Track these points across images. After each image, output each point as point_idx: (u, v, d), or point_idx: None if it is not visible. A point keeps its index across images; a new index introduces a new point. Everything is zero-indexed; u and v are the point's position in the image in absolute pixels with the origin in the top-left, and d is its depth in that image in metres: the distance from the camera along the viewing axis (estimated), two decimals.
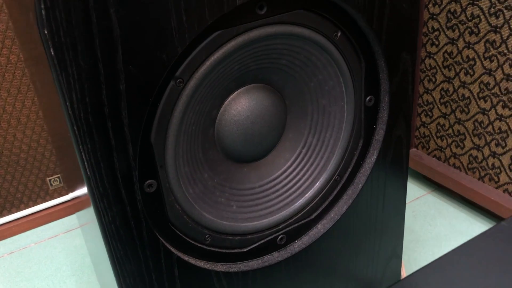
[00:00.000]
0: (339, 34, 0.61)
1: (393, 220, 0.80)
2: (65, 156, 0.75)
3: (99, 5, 0.43)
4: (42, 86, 0.69)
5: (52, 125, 0.80)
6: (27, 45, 0.68)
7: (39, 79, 0.69)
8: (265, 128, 0.65)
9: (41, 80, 0.65)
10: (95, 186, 0.50)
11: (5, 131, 1.12)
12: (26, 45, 0.71)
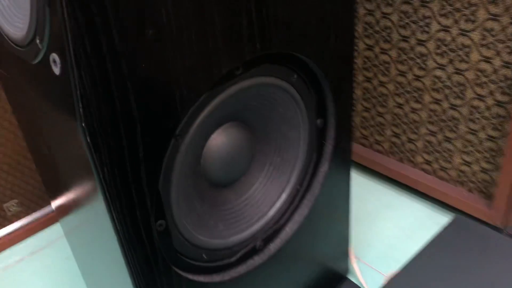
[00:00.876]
0: (295, 77, 0.75)
1: (342, 211, 0.97)
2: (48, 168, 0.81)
3: (121, 94, 0.52)
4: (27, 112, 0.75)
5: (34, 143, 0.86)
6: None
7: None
8: (239, 156, 0.77)
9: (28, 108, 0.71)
10: (123, 236, 0.59)
11: None
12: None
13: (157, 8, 0.51)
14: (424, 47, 1.10)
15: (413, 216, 1.25)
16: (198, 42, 0.57)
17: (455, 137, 1.15)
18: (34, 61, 0.53)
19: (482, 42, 0.99)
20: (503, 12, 0.94)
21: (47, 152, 0.67)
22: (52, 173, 0.77)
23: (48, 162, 0.75)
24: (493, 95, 1.03)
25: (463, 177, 1.18)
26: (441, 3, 1.02)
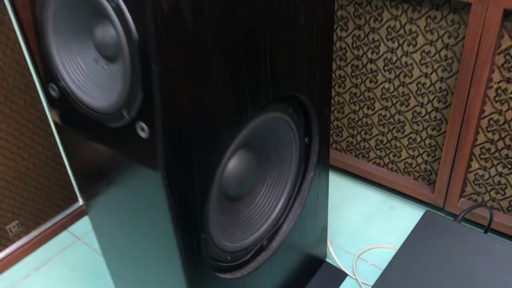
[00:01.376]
0: (291, 109, 0.93)
1: (322, 207, 1.18)
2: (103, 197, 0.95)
3: (188, 147, 0.69)
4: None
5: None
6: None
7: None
8: (250, 175, 0.95)
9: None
10: (183, 249, 0.76)
11: None
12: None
13: (210, 84, 0.68)
14: (374, 64, 1.32)
15: (371, 203, 1.49)
16: (234, 100, 0.74)
17: (402, 136, 1.39)
18: (114, 125, 0.68)
19: (422, 61, 1.23)
20: (436, 39, 1.18)
21: (105, 187, 0.81)
22: (104, 198, 0.91)
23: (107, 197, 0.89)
24: (431, 102, 1.28)
25: (409, 168, 1.43)
26: (388, 30, 1.25)
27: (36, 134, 1.32)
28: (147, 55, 0.58)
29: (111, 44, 0.66)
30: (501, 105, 1.15)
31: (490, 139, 1.21)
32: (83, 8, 0.66)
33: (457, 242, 0.87)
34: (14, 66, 1.20)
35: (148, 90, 0.61)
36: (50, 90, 0.75)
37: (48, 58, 0.71)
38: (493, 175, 1.25)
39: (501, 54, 1.09)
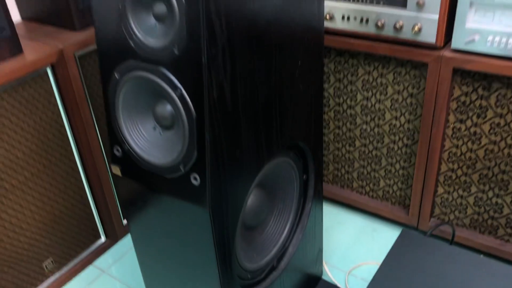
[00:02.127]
0: (292, 153, 1.18)
1: (318, 232, 1.41)
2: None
3: (223, 190, 0.92)
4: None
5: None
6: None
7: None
8: (262, 207, 1.18)
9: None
10: (221, 271, 0.98)
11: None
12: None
13: (240, 141, 0.92)
14: (353, 109, 1.59)
15: (356, 226, 1.74)
16: (255, 151, 0.98)
17: (379, 168, 1.65)
18: (170, 176, 0.91)
19: (392, 107, 1.51)
20: (403, 89, 1.46)
21: (154, 223, 1.03)
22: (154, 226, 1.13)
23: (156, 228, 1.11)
24: (402, 140, 1.54)
25: (387, 195, 1.69)
26: (363, 82, 1.52)
27: (68, 181, 1.52)
28: (201, 126, 0.82)
29: (168, 117, 0.90)
30: (457, 141, 1.42)
31: (451, 168, 1.48)
32: (147, 92, 0.90)
33: (428, 253, 1.11)
34: (53, 124, 1.42)
35: (201, 151, 0.84)
36: (115, 151, 0.98)
37: (116, 127, 0.94)
38: (455, 198, 1.52)
39: (454, 101, 1.37)
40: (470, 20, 1.24)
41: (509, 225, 1.46)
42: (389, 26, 1.35)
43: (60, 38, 1.42)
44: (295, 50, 1.01)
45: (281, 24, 0.93)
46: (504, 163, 1.37)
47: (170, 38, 0.79)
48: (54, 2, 1.44)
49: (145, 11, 0.82)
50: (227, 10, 0.79)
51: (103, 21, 0.87)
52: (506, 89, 1.27)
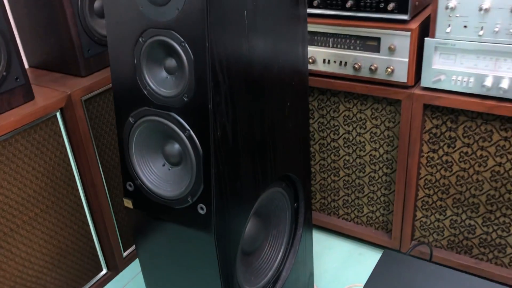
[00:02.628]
0: (284, 184, 1.31)
1: (309, 257, 1.53)
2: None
3: (230, 217, 1.04)
4: None
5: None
6: None
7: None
8: (258, 234, 1.30)
9: None
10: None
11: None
12: None
13: (240, 174, 1.05)
14: (336, 142, 1.74)
15: (343, 251, 1.86)
16: (253, 183, 1.11)
17: (362, 196, 1.79)
18: (178, 206, 1.03)
19: (371, 139, 1.66)
20: (380, 123, 1.61)
21: (162, 248, 1.14)
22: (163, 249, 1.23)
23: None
24: (382, 169, 1.69)
25: (370, 220, 1.82)
26: (344, 117, 1.68)
27: (73, 216, 1.62)
28: (208, 162, 0.95)
29: (176, 155, 1.03)
30: (431, 168, 1.57)
31: (427, 194, 1.62)
32: (158, 133, 1.03)
33: (409, 270, 1.24)
34: (61, 163, 1.53)
35: (207, 184, 0.97)
36: (127, 186, 1.09)
37: (129, 165, 1.07)
38: (433, 221, 1.66)
39: (426, 133, 1.53)
40: (436, 62, 1.41)
41: (482, 245, 1.60)
42: (365, 68, 1.52)
43: (67, 84, 1.55)
44: (284, 92, 1.15)
45: (272, 70, 1.08)
46: (473, 187, 1.52)
47: (181, 88, 0.93)
48: (62, 51, 1.58)
49: (158, 65, 0.96)
50: (228, 62, 0.93)
51: (120, 74, 1.00)
52: (471, 122, 1.43)
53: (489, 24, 1.28)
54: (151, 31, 0.92)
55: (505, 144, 1.41)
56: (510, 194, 1.47)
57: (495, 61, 1.32)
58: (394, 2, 1.39)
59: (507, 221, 1.51)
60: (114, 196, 1.75)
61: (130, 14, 0.93)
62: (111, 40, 0.98)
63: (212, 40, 0.87)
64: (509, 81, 1.31)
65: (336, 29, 1.51)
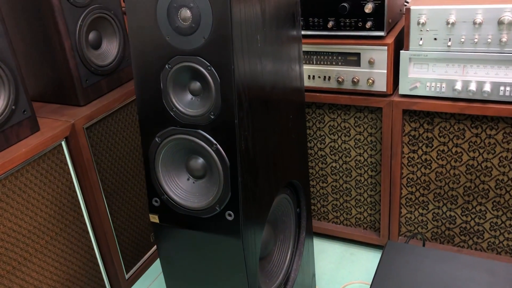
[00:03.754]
0: (289, 190, 1.42)
1: (312, 258, 1.64)
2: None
3: (254, 221, 1.14)
4: None
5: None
6: None
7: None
8: (269, 239, 1.40)
9: None
10: None
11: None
12: None
13: (259, 182, 1.15)
14: (323, 151, 1.88)
15: (336, 253, 1.98)
16: (268, 189, 1.22)
17: (350, 199, 1.93)
18: (206, 216, 1.12)
19: (355, 145, 1.80)
20: (363, 130, 1.76)
21: (189, 257, 1.23)
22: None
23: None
24: (367, 172, 1.84)
25: (359, 221, 1.96)
26: (329, 127, 1.82)
27: (80, 242, 1.67)
28: (234, 172, 1.05)
29: (200, 169, 1.12)
30: (413, 167, 1.73)
31: (410, 192, 1.78)
32: (182, 150, 1.12)
33: (413, 255, 1.37)
34: (67, 190, 1.58)
35: (234, 192, 1.07)
36: (153, 202, 1.18)
37: (155, 182, 1.15)
38: (417, 216, 1.81)
39: (406, 136, 1.69)
40: (411, 72, 1.58)
41: (463, 233, 1.76)
42: (348, 81, 1.67)
43: (68, 114, 1.61)
44: (288, 107, 1.28)
45: (279, 89, 1.21)
46: (451, 181, 1.69)
47: (207, 107, 1.03)
48: (60, 82, 1.64)
49: (183, 88, 1.06)
50: (248, 82, 1.04)
51: (145, 98, 1.09)
52: (445, 122, 1.61)
53: (455, 36, 1.47)
54: (178, 58, 1.02)
55: (476, 140, 1.59)
56: (484, 185, 1.64)
57: (462, 67, 1.50)
58: (371, 21, 1.55)
59: (483, 209, 1.69)
60: (116, 219, 1.80)
61: (156, 43, 1.03)
62: (137, 67, 1.07)
63: (235, 63, 0.98)
64: (476, 84, 1.49)
65: (319, 47, 1.66)
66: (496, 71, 1.46)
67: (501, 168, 1.59)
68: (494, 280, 1.18)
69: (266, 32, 1.10)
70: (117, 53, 1.75)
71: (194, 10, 0.97)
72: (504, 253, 1.72)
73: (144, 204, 1.94)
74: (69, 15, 1.55)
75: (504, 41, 1.41)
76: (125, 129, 1.78)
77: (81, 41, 1.59)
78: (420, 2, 1.53)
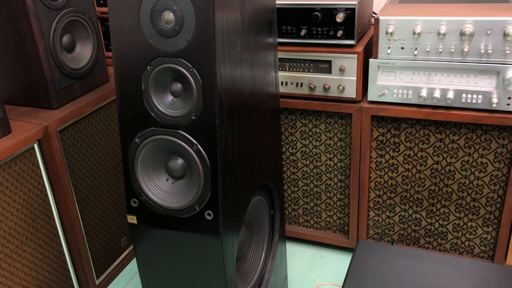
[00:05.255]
0: (263, 192, 1.46)
1: (284, 260, 1.67)
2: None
3: (234, 218, 1.17)
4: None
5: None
6: None
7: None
8: (245, 240, 1.43)
9: None
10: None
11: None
12: None
13: (238, 183, 1.18)
14: (294, 156, 1.92)
15: (307, 256, 2.02)
16: (245, 190, 1.24)
17: (320, 203, 1.98)
18: (185, 216, 1.14)
19: (326, 150, 1.86)
20: (333, 135, 1.82)
21: (166, 257, 1.23)
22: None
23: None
24: (337, 176, 1.89)
25: (329, 225, 2.01)
26: (301, 132, 1.87)
27: (50, 247, 1.64)
28: (215, 172, 1.08)
29: (179, 169, 1.14)
30: (380, 171, 1.80)
31: (378, 195, 1.85)
32: (161, 151, 1.14)
33: (384, 254, 1.43)
34: (38, 194, 1.56)
35: (214, 191, 1.09)
36: (131, 203, 1.18)
37: (134, 182, 1.16)
38: (384, 219, 1.88)
39: (374, 141, 1.76)
40: (379, 79, 1.65)
41: (427, 235, 1.84)
42: (319, 87, 1.72)
43: (41, 117, 1.59)
44: (264, 110, 1.31)
45: (256, 93, 1.24)
46: (417, 185, 1.76)
47: (188, 108, 1.05)
48: (32, 85, 1.62)
49: (164, 89, 1.08)
50: (228, 86, 1.07)
51: (126, 99, 1.11)
52: (411, 128, 1.68)
53: (421, 45, 1.55)
54: (160, 60, 1.04)
55: (440, 144, 1.67)
56: (447, 188, 1.73)
57: (428, 75, 1.58)
58: (342, 29, 1.61)
59: (446, 211, 1.77)
60: (87, 224, 1.78)
61: (139, 44, 1.04)
62: (118, 68, 1.09)
63: (217, 65, 1.02)
64: (440, 92, 1.58)
65: (293, 54, 1.71)
66: (458, 79, 1.55)
67: (463, 171, 1.68)
68: (459, 275, 1.24)
69: (245, 38, 1.13)
70: (90, 57, 1.75)
71: (177, 13, 0.99)
72: (465, 253, 1.81)
73: (115, 209, 1.92)
74: (44, 17, 1.54)
75: (466, 51, 1.50)
76: (97, 133, 1.78)
77: (55, 43, 1.59)
78: (389, 12, 1.61)
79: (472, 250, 1.79)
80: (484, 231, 1.74)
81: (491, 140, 1.60)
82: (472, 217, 1.74)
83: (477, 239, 1.77)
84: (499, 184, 1.65)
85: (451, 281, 1.24)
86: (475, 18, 1.47)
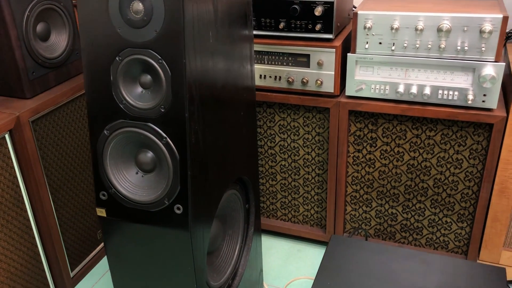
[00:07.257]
0: (238, 186, 1.45)
1: (259, 254, 1.67)
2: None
3: (205, 211, 1.15)
4: None
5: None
6: None
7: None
8: (218, 234, 1.42)
9: None
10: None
11: None
12: None
13: (209, 178, 1.17)
14: (273, 150, 1.92)
15: (284, 249, 2.03)
16: (218, 185, 1.23)
17: (298, 197, 1.98)
18: (155, 209, 1.12)
19: (304, 144, 1.85)
20: (311, 129, 1.82)
21: (136, 252, 1.22)
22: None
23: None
24: (314, 170, 1.89)
25: (306, 219, 2.01)
26: (279, 126, 1.86)
27: (22, 238, 1.62)
28: (184, 166, 1.07)
29: (149, 163, 1.12)
30: (357, 166, 1.80)
31: (355, 189, 1.85)
32: (131, 144, 1.12)
33: (355, 248, 1.43)
34: (9, 185, 1.53)
35: (183, 185, 1.08)
36: (101, 196, 1.17)
37: (103, 175, 1.14)
38: (361, 213, 1.89)
39: (352, 135, 1.76)
40: (357, 74, 1.64)
41: (403, 230, 1.85)
42: (298, 81, 1.71)
43: (12, 106, 1.56)
44: (239, 103, 1.30)
45: (230, 86, 1.23)
46: (393, 180, 1.77)
47: (158, 101, 1.04)
48: (4, 74, 1.59)
49: (133, 81, 1.06)
50: (199, 78, 1.06)
51: (95, 90, 1.08)
52: (388, 123, 1.69)
53: (399, 41, 1.54)
54: (129, 51, 1.02)
55: (417, 140, 1.68)
56: (423, 183, 1.73)
57: (405, 71, 1.58)
58: (320, 23, 1.60)
59: (422, 206, 1.78)
60: (61, 216, 1.76)
61: (107, 35, 1.02)
62: (86, 59, 1.06)
63: (187, 57, 1.00)
64: (417, 87, 1.58)
65: (271, 47, 1.70)
66: (435, 75, 1.55)
67: (439, 167, 1.68)
68: (429, 270, 1.25)
69: (218, 30, 1.12)
70: (66, 46, 1.71)
71: (147, 3, 0.97)
72: (440, 248, 1.82)
73: (91, 201, 1.90)
74: (16, 3, 1.50)
75: (443, 47, 1.50)
76: (72, 123, 1.75)
77: (28, 31, 1.55)
78: (367, 7, 1.60)
79: (446, 245, 1.81)
80: (458, 227, 1.76)
81: (466, 136, 1.61)
82: (447, 213, 1.75)
83: (452, 235, 1.78)
84: (473, 181, 1.66)
85: (420, 276, 1.24)
86: (452, 15, 1.46)
